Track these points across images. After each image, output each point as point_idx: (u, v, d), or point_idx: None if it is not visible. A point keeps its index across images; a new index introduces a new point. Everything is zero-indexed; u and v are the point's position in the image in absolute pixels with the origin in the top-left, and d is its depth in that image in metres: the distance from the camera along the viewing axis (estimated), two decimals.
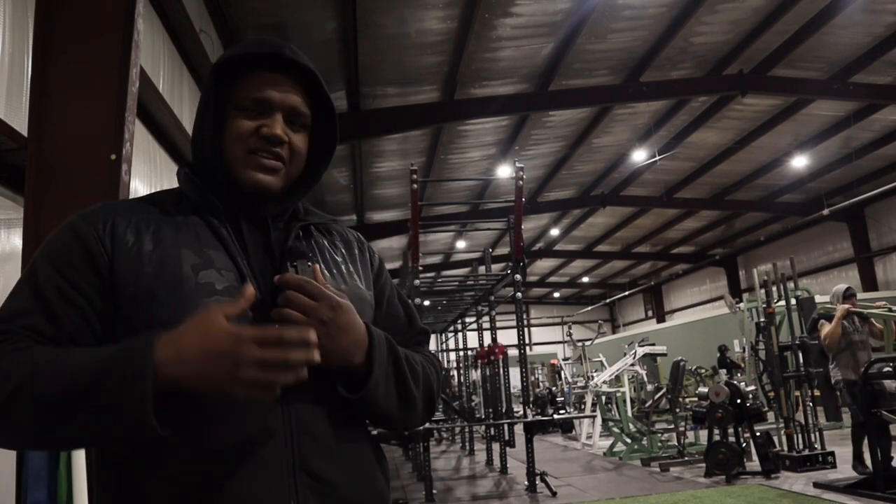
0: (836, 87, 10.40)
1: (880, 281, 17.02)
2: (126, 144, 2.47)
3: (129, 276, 0.93)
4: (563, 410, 12.86)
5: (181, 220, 1.01)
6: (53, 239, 0.99)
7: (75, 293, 0.93)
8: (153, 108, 4.72)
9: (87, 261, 0.94)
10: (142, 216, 1.00)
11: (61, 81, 2.44)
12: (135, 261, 0.94)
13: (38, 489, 2.08)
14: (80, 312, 0.93)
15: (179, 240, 0.97)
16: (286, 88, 1.02)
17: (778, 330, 7.49)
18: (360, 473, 0.99)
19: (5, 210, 2.93)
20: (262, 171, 1.01)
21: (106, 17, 2.51)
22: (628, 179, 15.33)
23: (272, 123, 1.00)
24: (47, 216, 2.34)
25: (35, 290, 0.93)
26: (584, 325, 28.57)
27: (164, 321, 0.88)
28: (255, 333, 0.82)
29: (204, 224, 1.01)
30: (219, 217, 1.02)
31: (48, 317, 0.91)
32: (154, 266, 0.94)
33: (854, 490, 5.48)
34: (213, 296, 0.92)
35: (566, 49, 9.01)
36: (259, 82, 1.01)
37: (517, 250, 7.53)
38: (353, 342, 0.96)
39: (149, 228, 0.98)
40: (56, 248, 0.97)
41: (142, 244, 0.96)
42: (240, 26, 7.47)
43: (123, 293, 0.93)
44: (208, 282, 0.94)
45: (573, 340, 13.36)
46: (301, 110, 1.04)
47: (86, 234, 0.96)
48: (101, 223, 0.97)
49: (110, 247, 0.95)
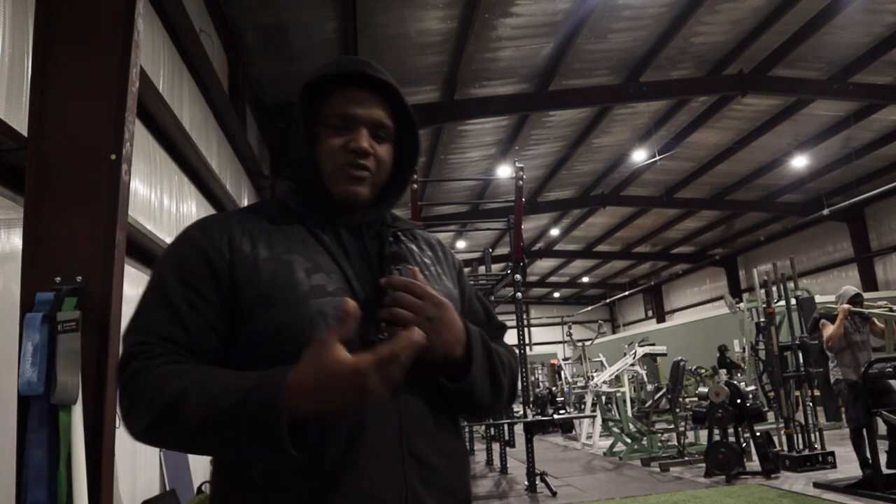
0: (836, 87, 10.40)
1: (880, 281, 17.01)
2: (126, 144, 2.47)
3: (248, 281, 1.02)
4: (563, 410, 12.86)
5: (287, 228, 1.10)
6: (174, 251, 1.08)
7: (201, 301, 1.01)
8: (153, 108, 4.71)
9: (209, 270, 1.03)
10: (254, 225, 1.09)
11: (61, 81, 2.44)
12: (252, 267, 1.03)
13: (38, 489, 2.08)
14: (206, 318, 1.01)
15: (290, 246, 1.06)
16: (370, 104, 1.10)
17: (778, 330, 7.49)
18: (454, 461, 1.08)
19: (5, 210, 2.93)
20: (352, 182, 1.09)
21: (106, 17, 2.51)
22: (628, 179, 15.33)
23: (358, 138, 1.08)
24: (47, 216, 2.34)
25: (165, 300, 1.02)
26: (584, 325, 28.56)
27: (284, 322, 0.98)
28: (373, 360, 0.87)
29: (307, 232, 1.10)
30: (320, 225, 1.11)
31: (180, 325, 1.00)
32: (270, 271, 1.02)
33: (854, 490, 5.48)
34: (326, 297, 1.01)
35: (566, 49, 9.01)
36: (345, 100, 1.10)
37: (517, 250, 7.53)
38: (455, 337, 1.05)
39: (261, 237, 1.07)
40: (178, 260, 1.05)
41: (257, 251, 1.05)
42: (240, 26, 7.47)
43: (244, 298, 1.01)
44: (320, 284, 1.02)
45: (573, 340, 13.36)
46: (384, 123, 1.12)
47: (205, 245, 1.05)
48: (218, 234, 1.06)
49: (229, 255, 1.04)
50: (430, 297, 1.02)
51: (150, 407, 0.92)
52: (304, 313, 0.98)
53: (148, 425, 0.93)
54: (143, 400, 0.93)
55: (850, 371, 5.80)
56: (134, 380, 0.95)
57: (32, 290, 2.25)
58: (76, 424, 2.14)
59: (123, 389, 0.96)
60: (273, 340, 0.99)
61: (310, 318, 0.98)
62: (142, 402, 0.93)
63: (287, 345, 0.96)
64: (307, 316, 0.98)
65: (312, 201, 1.12)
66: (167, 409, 0.91)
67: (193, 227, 1.10)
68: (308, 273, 1.03)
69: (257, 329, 1.00)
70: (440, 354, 1.02)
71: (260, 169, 8.64)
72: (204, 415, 0.89)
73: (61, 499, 2.09)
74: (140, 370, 0.95)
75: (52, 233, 2.33)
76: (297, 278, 1.01)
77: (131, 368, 0.96)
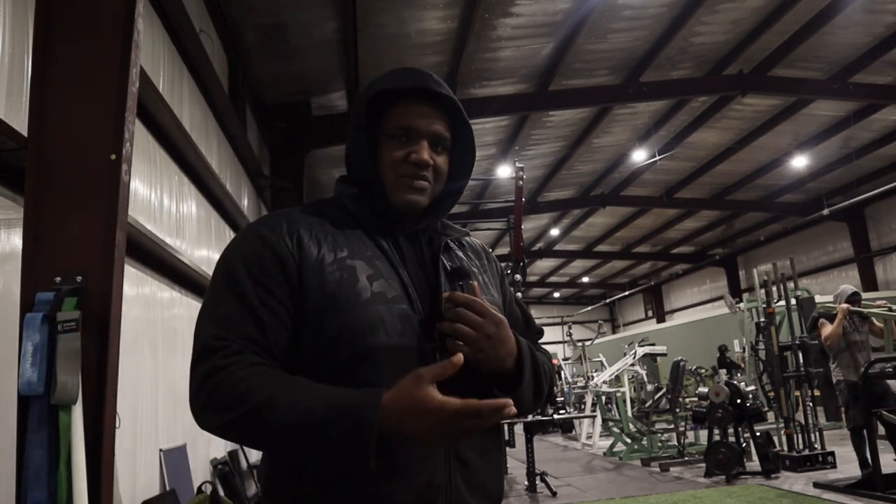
0: (836, 87, 10.39)
1: (880, 281, 17.01)
2: (126, 144, 2.47)
3: (316, 284, 1.05)
4: (563, 410, 12.84)
5: (349, 232, 1.13)
6: (243, 246, 1.10)
7: (273, 300, 1.04)
8: (153, 108, 4.71)
9: (280, 269, 1.05)
10: (319, 228, 1.12)
11: (61, 81, 2.44)
12: (319, 271, 1.06)
13: (38, 489, 2.08)
14: (278, 318, 1.04)
15: (352, 251, 1.10)
16: (430, 117, 1.14)
17: (778, 330, 7.49)
18: (493, 461, 1.15)
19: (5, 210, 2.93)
20: (412, 192, 1.14)
21: (106, 17, 2.51)
22: (628, 179, 15.33)
23: (420, 150, 1.13)
24: (47, 216, 2.34)
25: (239, 297, 1.03)
26: (584, 325, 28.56)
27: (345, 327, 1.02)
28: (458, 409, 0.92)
29: (367, 237, 1.14)
30: (379, 231, 1.15)
31: (257, 324, 1.02)
32: (336, 276, 1.06)
33: (854, 490, 5.48)
34: (386, 303, 1.05)
35: (566, 49, 9.01)
36: (407, 112, 1.14)
37: (517, 250, 7.54)
38: (508, 351, 1.09)
39: (326, 240, 1.10)
40: (250, 257, 1.07)
41: (324, 256, 1.08)
42: (240, 26, 7.47)
43: (310, 300, 1.04)
44: (381, 291, 1.06)
45: (573, 340, 13.36)
46: (444, 135, 1.16)
47: (275, 244, 1.07)
48: (287, 234, 1.08)
49: (298, 257, 1.06)
50: (490, 315, 1.05)
51: (234, 407, 0.94)
52: (365, 319, 1.02)
53: (227, 423, 0.96)
54: (227, 399, 0.95)
55: (850, 371, 5.80)
56: (216, 376, 0.96)
57: (32, 290, 2.25)
58: (76, 424, 2.14)
59: (202, 383, 0.97)
60: (332, 345, 1.02)
61: (370, 325, 1.02)
62: (225, 401, 0.95)
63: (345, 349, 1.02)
64: (368, 322, 1.02)
65: (372, 207, 1.16)
66: (254, 412, 0.93)
67: (261, 224, 1.12)
68: (370, 279, 1.07)
69: (321, 333, 1.03)
70: (494, 367, 1.07)
71: (260, 169, 8.64)
72: (293, 424, 0.93)
73: (61, 499, 2.09)
74: (223, 367, 0.96)
75: (52, 233, 2.33)
76: (361, 285, 1.05)
77: (212, 364, 0.97)
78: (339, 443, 0.92)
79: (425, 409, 0.92)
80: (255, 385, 0.95)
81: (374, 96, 1.15)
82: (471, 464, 1.09)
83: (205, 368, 0.97)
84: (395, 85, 1.14)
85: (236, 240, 1.14)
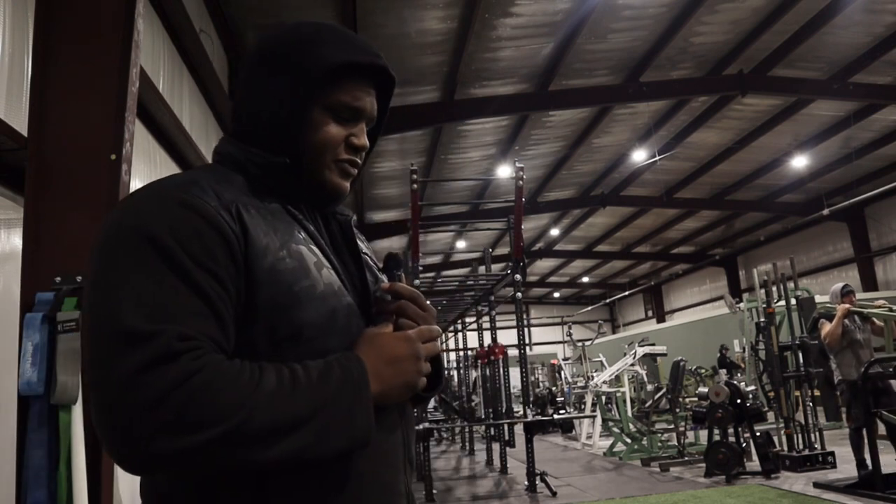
0: (836, 87, 10.39)
1: (880, 281, 17.01)
2: (126, 144, 2.47)
3: (268, 275, 0.86)
4: (563, 410, 12.86)
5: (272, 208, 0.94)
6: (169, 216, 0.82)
7: (222, 290, 0.82)
8: (153, 108, 4.71)
9: (225, 250, 0.83)
10: (247, 201, 0.91)
11: (61, 81, 2.44)
12: (271, 259, 0.87)
13: (38, 489, 2.08)
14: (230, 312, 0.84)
15: (291, 235, 0.93)
16: (372, 99, 1.04)
17: (778, 330, 7.49)
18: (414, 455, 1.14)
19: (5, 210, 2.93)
20: (345, 177, 1.02)
21: (106, 17, 2.51)
22: (628, 179, 15.33)
23: (360, 133, 1.02)
24: (47, 216, 2.34)
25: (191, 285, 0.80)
26: (584, 325, 28.56)
27: (308, 324, 0.88)
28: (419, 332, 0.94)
29: (292, 216, 0.97)
30: (302, 211, 1.00)
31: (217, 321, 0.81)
32: (289, 265, 0.89)
33: (854, 490, 5.48)
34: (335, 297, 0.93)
35: (566, 49, 9.01)
36: (358, 91, 1.01)
37: (517, 250, 7.53)
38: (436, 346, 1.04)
39: (264, 218, 0.91)
40: (185, 233, 0.81)
41: (271, 239, 0.89)
42: (240, 26, 7.48)
43: (263, 292, 0.85)
44: (329, 282, 0.93)
45: (573, 340, 13.37)
46: (375, 117, 1.06)
47: (215, 219, 0.84)
48: (224, 208, 0.86)
49: (243, 238, 0.86)
50: (430, 309, 1.01)
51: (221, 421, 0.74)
52: (324, 314, 0.89)
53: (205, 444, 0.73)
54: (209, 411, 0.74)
55: (851, 370, 5.80)
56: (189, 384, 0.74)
57: (32, 290, 2.25)
58: (76, 424, 2.14)
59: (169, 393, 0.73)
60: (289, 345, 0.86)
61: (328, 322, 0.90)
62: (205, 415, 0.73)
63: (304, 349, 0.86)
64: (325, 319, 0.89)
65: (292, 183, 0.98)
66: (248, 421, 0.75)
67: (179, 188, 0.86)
68: (318, 268, 0.92)
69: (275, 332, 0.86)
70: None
71: None
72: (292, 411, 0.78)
73: (61, 499, 2.09)
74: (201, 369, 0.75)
75: (52, 233, 2.33)
76: (312, 275, 0.91)
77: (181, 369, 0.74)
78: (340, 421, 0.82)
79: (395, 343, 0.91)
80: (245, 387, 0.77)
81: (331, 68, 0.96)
82: (414, 464, 1.06)
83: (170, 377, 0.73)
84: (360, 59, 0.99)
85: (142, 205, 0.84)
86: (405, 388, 0.91)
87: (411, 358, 0.91)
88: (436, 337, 0.97)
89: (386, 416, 0.95)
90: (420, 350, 0.92)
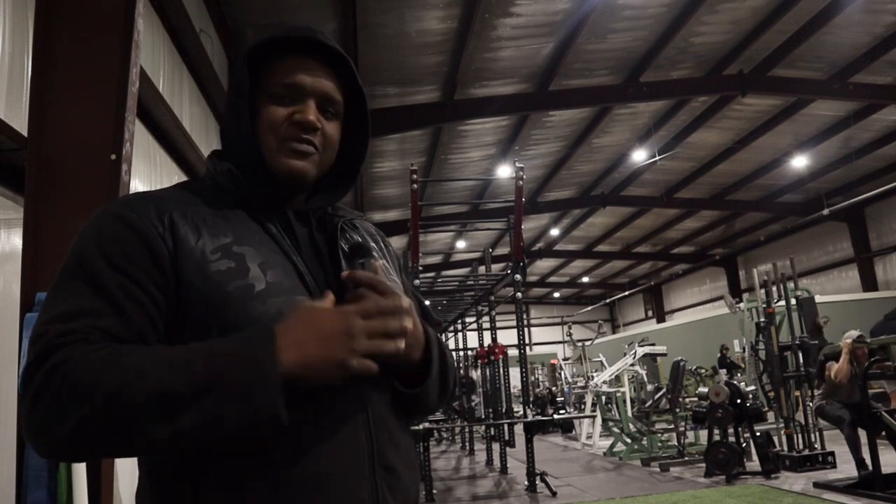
0: (836, 87, 10.40)
1: (880, 281, 17.01)
2: (126, 144, 2.47)
3: (198, 277, 0.88)
4: (563, 410, 12.86)
5: (229, 214, 0.96)
6: (98, 230, 0.90)
7: (139, 290, 0.86)
8: (153, 108, 4.72)
9: (147, 256, 0.87)
10: (194, 211, 0.94)
11: (61, 81, 2.44)
12: (202, 261, 0.89)
13: (38, 489, 2.08)
14: (146, 311, 0.86)
15: (237, 237, 0.94)
16: (318, 74, 0.99)
17: (778, 330, 7.49)
18: (410, 463, 1.02)
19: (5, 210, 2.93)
20: (294, 156, 0.98)
21: (106, 17, 2.51)
22: (628, 179, 15.33)
23: (305, 110, 0.98)
24: (47, 216, 2.34)
25: (94, 286, 0.84)
26: (584, 325, 28.57)
27: (241, 325, 0.86)
28: (358, 307, 0.85)
29: (251, 218, 0.98)
30: (265, 211, 0.99)
31: (118, 316, 0.84)
32: (222, 266, 0.90)
33: (854, 490, 5.48)
34: (283, 295, 0.90)
35: (566, 49, 9.01)
36: (290, 68, 0.98)
37: (517, 250, 7.53)
38: (416, 340, 0.97)
39: (206, 224, 0.93)
40: (108, 241, 0.88)
41: (205, 243, 0.91)
42: (240, 26, 7.47)
43: (193, 295, 0.88)
44: (276, 281, 0.92)
45: (573, 340, 13.37)
46: (334, 97, 1.01)
47: (142, 228, 0.89)
48: (157, 217, 0.91)
49: (172, 245, 0.89)
50: (394, 293, 0.90)
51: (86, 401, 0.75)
52: (263, 313, 0.87)
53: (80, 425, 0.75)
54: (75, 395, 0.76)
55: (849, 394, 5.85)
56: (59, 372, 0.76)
57: (32, 290, 2.25)
58: None
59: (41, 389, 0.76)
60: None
61: (269, 320, 0.86)
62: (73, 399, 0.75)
63: None
64: (265, 317, 0.87)
65: (253, 182, 0.99)
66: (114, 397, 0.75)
67: (121, 204, 0.93)
68: (262, 268, 0.91)
69: (208, 332, 0.86)
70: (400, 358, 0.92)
71: None
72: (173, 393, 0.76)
73: (61, 499, 2.09)
74: (66, 360, 0.77)
75: (52, 233, 2.33)
76: (252, 274, 0.90)
77: (52, 362, 0.77)
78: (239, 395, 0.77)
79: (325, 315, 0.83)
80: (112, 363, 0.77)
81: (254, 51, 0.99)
82: (395, 469, 0.95)
83: (43, 371, 0.77)
84: (276, 34, 0.98)
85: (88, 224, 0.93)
86: (333, 366, 0.82)
87: (341, 334, 0.82)
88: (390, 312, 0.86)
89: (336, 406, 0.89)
90: (354, 326, 0.83)
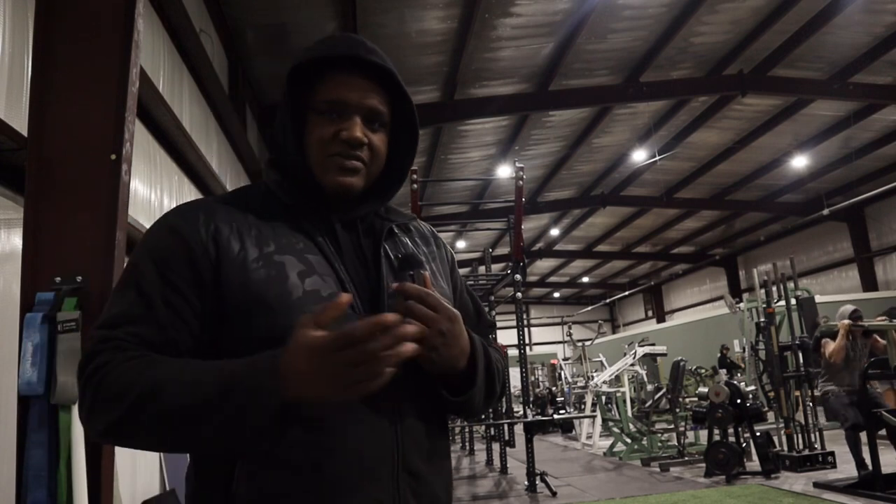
0: (836, 87, 10.40)
1: (880, 281, 17.01)
2: (126, 144, 2.47)
3: (238, 285, 0.94)
4: (563, 410, 12.87)
5: (276, 223, 1.01)
6: (152, 239, 0.99)
7: (180, 299, 0.93)
8: (153, 108, 4.72)
9: (189, 265, 0.95)
10: (241, 219, 1.00)
11: (61, 81, 2.44)
12: (242, 269, 0.95)
13: (38, 489, 2.08)
14: (182, 319, 0.94)
15: (280, 245, 0.98)
16: (363, 89, 1.02)
17: (778, 330, 7.49)
18: (443, 468, 1.05)
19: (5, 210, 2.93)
20: (343, 173, 1.01)
21: (106, 17, 2.51)
22: (628, 179, 15.33)
23: (351, 126, 1.00)
24: (47, 216, 2.34)
25: (140, 293, 0.94)
26: (584, 325, 28.57)
27: (276, 331, 0.89)
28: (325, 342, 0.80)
29: (298, 228, 1.02)
30: (312, 220, 1.03)
31: (155, 324, 0.92)
32: (262, 274, 0.94)
33: (854, 490, 5.48)
34: (320, 303, 0.91)
35: (566, 49, 9.01)
36: (335, 85, 1.02)
37: (517, 250, 7.53)
38: (461, 350, 0.99)
39: (250, 233, 0.98)
40: (158, 249, 0.97)
41: (247, 251, 0.96)
42: (240, 26, 7.47)
43: (232, 301, 0.94)
44: (314, 289, 0.95)
45: (573, 340, 13.37)
46: (379, 109, 1.03)
47: (188, 237, 0.96)
48: (204, 226, 0.97)
49: (215, 253, 0.95)
50: (445, 309, 0.94)
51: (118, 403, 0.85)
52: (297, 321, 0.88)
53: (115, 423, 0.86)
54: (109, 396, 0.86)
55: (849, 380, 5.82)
56: (97, 375, 0.87)
57: (32, 290, 2.25)
58: (76, 424, 2.14)
59: (85, 387, 0.88)
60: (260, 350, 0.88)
61: None
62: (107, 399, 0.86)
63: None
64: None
65: (302, 193, 1.04)
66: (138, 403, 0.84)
67: (174, 213, 1.01)
68: (301, 277, 0.95)
69: (245, 336, 0.92)
70: (445, 367, 0.97)
71: (260, 169, 8.65)
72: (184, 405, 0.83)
73: (61, 499, 2.09)
74: (105, 364, 0.87)
75: (52, 233, 2.33)
76: (291, 282, 0.94)
77: (94, 364, 0.88)
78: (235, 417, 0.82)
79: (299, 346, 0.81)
80: (138, 374, 0.86)
81: (298, 68, 1.02)
82: (421, 475, 0.98)
83: (87, 372, 0.88)
84: (319, 54, 1.02)
85: (148, 231, 1.02)
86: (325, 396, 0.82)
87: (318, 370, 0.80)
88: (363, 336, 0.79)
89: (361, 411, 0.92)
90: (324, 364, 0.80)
